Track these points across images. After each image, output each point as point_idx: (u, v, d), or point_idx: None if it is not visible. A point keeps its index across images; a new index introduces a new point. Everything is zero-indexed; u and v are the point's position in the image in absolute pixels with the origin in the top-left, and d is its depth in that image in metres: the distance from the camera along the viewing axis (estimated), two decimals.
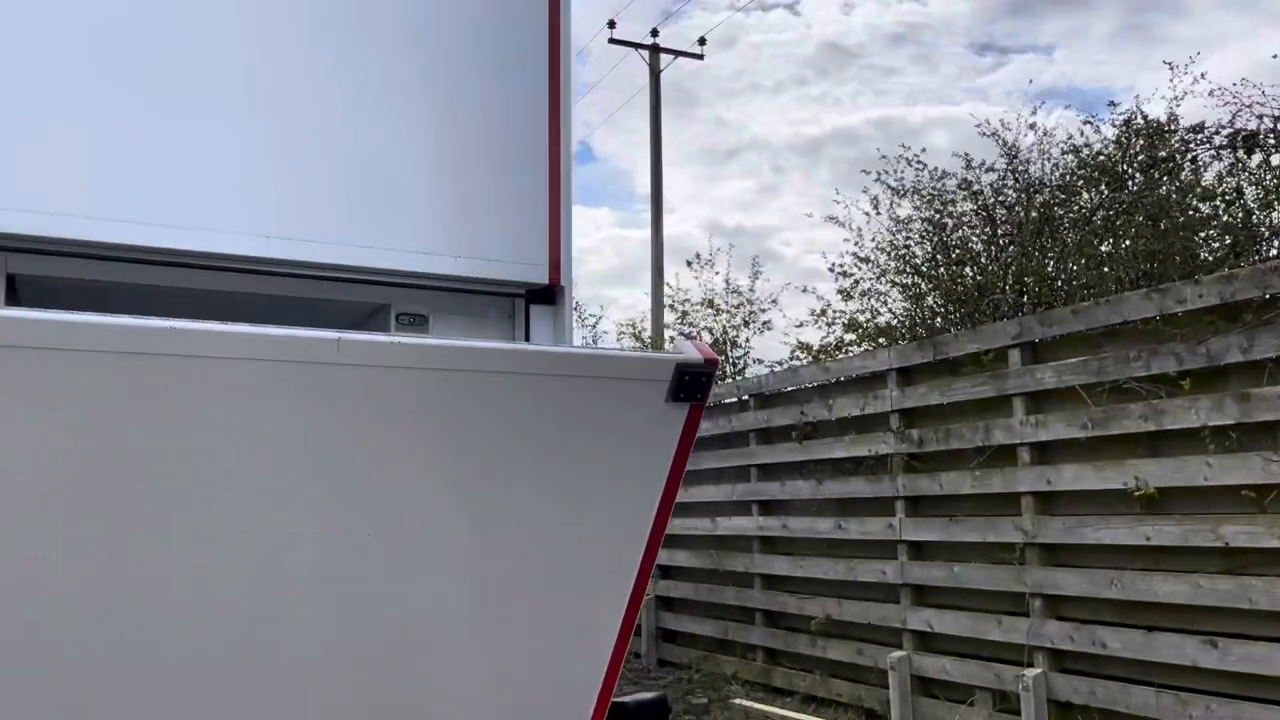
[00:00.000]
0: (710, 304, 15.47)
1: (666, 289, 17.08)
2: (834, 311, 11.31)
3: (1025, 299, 9.00)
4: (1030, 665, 6.41)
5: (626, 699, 4.58)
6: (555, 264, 4.43)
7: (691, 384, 3.17)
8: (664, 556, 10.57)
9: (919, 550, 7.50)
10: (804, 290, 27.86)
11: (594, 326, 17.51)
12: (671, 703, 8.17)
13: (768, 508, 9.14)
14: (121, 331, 2.36)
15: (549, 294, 4.53)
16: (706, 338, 15.39)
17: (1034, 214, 9.56)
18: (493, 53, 4.45)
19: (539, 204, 4.46)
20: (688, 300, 15.68)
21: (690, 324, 15.56)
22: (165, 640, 2.71)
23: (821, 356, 11.15)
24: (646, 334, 17.76)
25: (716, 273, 15.94)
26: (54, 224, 3.68)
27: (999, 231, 9.73)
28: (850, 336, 10.95)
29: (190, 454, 2.58)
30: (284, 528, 2.76)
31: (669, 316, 16.47)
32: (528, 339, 4.54)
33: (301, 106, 4.09)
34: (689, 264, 16.13)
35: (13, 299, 3.91)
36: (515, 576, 3.15)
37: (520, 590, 3.16)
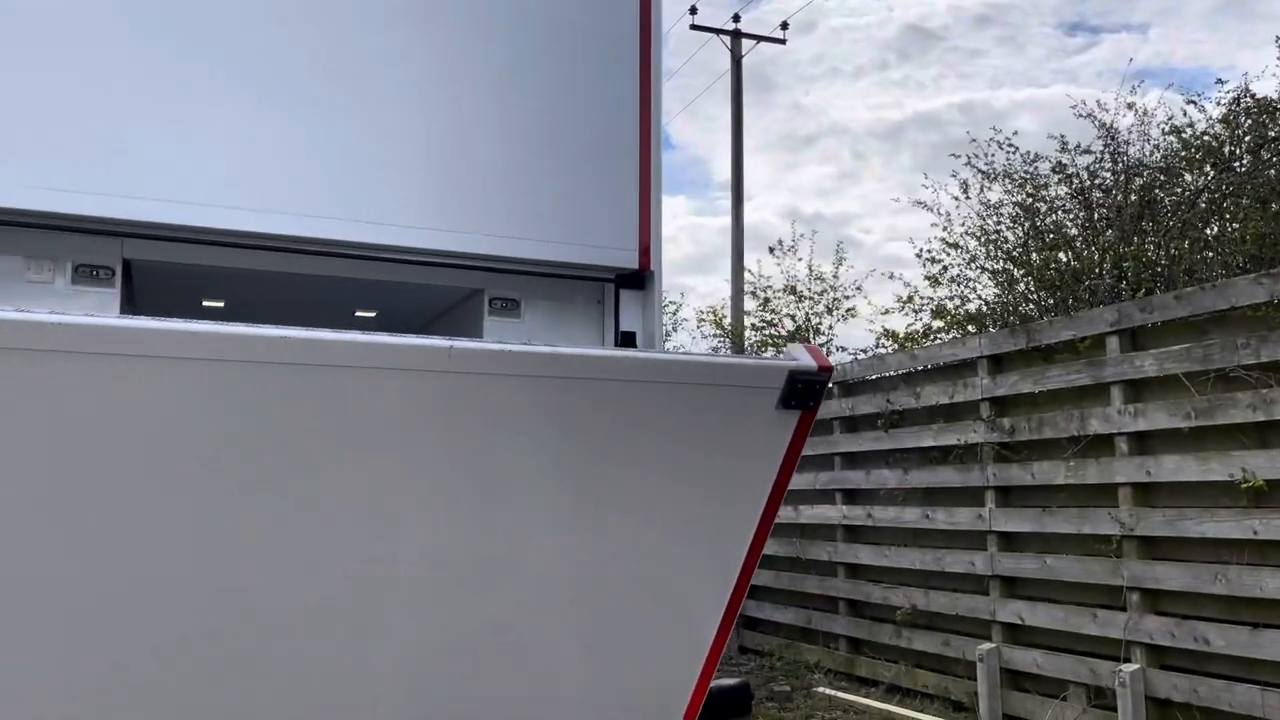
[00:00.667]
0: (793, 290, 15.32)
1: (747, 275, 17.01)
2: (921, 298, 11.12)
3: (1124, 285, 8.74)
4: (1127, 661, 6.26)
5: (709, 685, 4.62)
6: (645, 249, 4.46)
7: (804, 392, 3.13)
8: None
9: (1009, 541, 7.37)
10: (890, 276, 27.45)
11: (674, 314, 17.52)
12: (754, 689, 8.20)
13: (852, 496, 9.07)
14: (238, 340, 2.43)
15: (639, 279, 4.57)
16: (789, 325, 15.27)
17: (1133, 197, 9.27)
18: (586, 41, 4.49)
19: (629, 190, 4.50)
20: (770, 287, 15.58)
21: (772, 311, 15.45)
22: (300, 630, 2.84)
23: (908, 344, 10.98)
24: (727, 320, 17.71)
25: (800, 259, 15.80)
26: (167, 211, 3.84)
27: (1095, 215, 9.46)
28: (938, 323, 10.76)
29: (307, 457, 2.66)
30: (402, 528, 2.85)
31: (750, 304, 16.40)
32: (617, 324, 4.59)
33: (399, 96, 4.18)
34: (771, 250, 15.99)
35: (127, 284, 4.10)
36: (618, 576, 3.20)
37: (622, 589, 3.22)
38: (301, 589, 2.76)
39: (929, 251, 11.11)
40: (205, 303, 5.37)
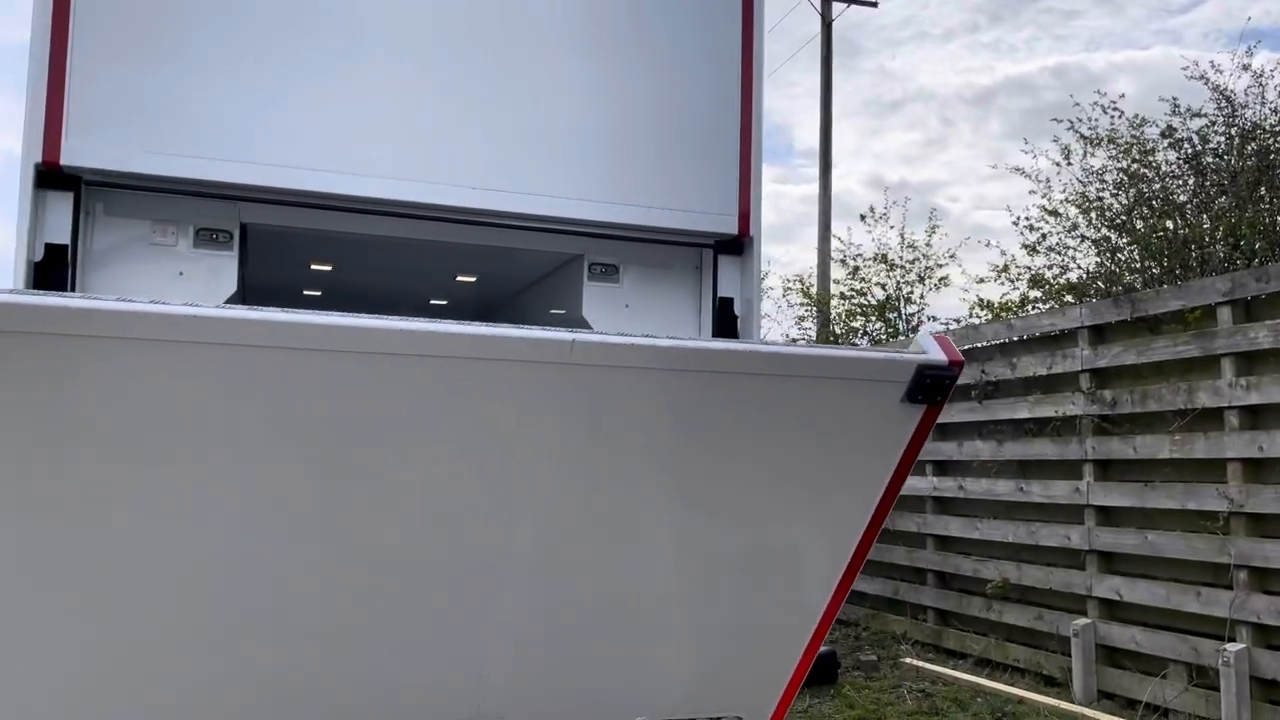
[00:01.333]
0: (884, 259, 15.13)
1: (835, 243, 16.84)
2: (1018, 267, 10.88)
3: (1238, 253, 8.42)
4: (1232, 640, 6.12)
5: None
6: (745, 215, 4.49)
7: (932, 386, 3.06)
8: None
9: (1108, 516, 7.23)
10: (986, 244, 26.78)
11: (760, 282, 17.44)
12: (840, 658, 8.21)
13: (943, 468, 8.98)
14: (356, 332, 2.50)
15: (737, 245, 4.60)
16: (879, 294, 15.05)
17: (1249, 162, 8.90)
18: (688, 9, 4.50)
19: (730, 156, 4.51)
20: (860, 255, 15.38)
21: (862, 279, 15.27)
22: (440, 594, 2.99)
23: (1004, 314, 10.77)
24: (814, 289, 17.56)
25: (891, 226, 15.57)
26: (281, 176, 3.99)
27: (1208, 181, 9.12)
28: (1035, 293, 10.53)
29: (439, 443, 2.74)
30: (523, 512, 2.94)
31: (838, 272, 16.24)
32: (715, 289, 4.63)
33: (505, 64, 4.26)
34: (863, 218, 15.78)
35: (243, 247, 4.27)
36: (732, 556, 3.25)
37: (736, 568, 3.27)
38: (438, 562, 2.89)
39: (1027, 219, 10.87)
40: (314, 266, 5.57)
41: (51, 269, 3.71)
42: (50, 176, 3.72)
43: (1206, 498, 6.38)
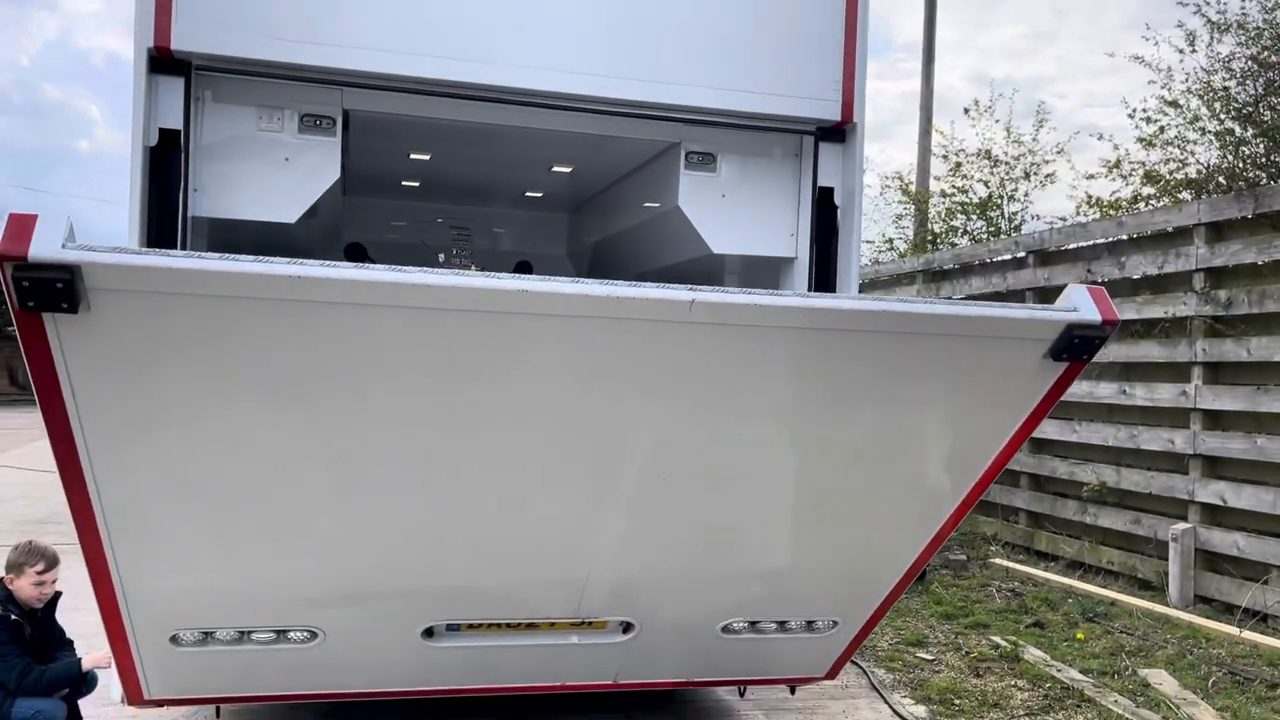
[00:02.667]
0: (987, 155, 14.58)
1: (937, 139, 16.27)
2: (1131, 163, 10.37)
3: None
4: None
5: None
6: (849, 101, 4.38)
7: (1080, 345, 2.94)
8: None
9: (1216, 420, 7.04)
10: (1099, 138, 25.38)
11: (863, 174, 16.99)
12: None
13: None
14: (482, 293, 2.59)
15: (839, 132, 4.49)
16: (981, 190, 14.53)
17: None
18: None
19: (833, 40, 4.39)
20: (962, 151, 14.85)
21: (963, 176, 14.77)
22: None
23: (1114, 211, 10.34)
24: (913, 187, 17.08)
25: (995, 121, 14.93)
26: (383, 60, 4.02)
27: None
28: (1149, 190, 10.05)
29: (562, 398, 2.88)
30: (663, 453, 3.10)
31: (940, 168, 15.74)
32: (815, 179, 4.56)
33: None
34: (966, 111, 15.18)
35: (345, 136, 4.35)
36: (850, 492, 3.37)
37: (853, 502, 3.40)
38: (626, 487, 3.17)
39: (1144, 111, 10.32)
40: (412, 155, 5.64)
41: (165, 154, 3.84)
42: (162, 62, 3.82)
43: None
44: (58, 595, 4.03)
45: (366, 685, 3.84)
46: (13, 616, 3.83)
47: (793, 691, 4.80)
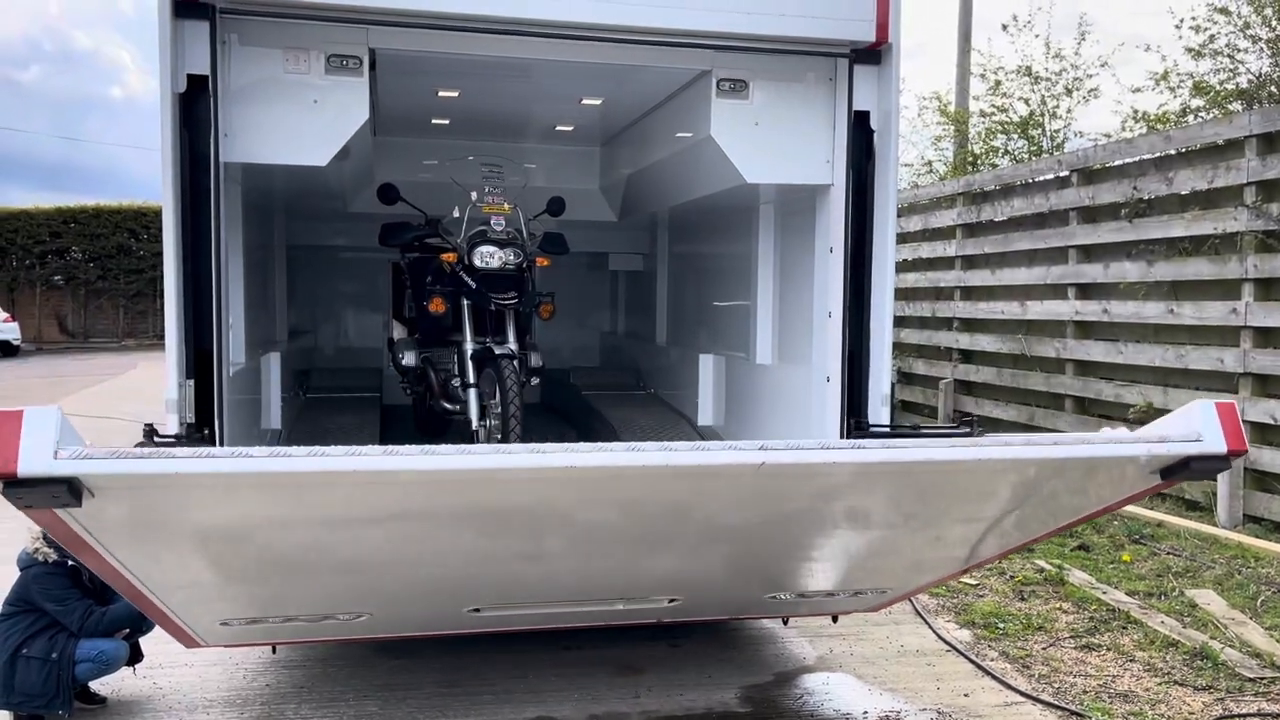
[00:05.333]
0: (1028, 71, 14.22)
1: (975, 57, 15.88)
2: (1179, 74, 10.06)
3: None
4: None
5: None
6: (884, 21, 4.26)
7: (1197, 469, 2.77)
8: (965, 340, 10.38)
9: (1266, 337, 6.91)
10: (1146, 49, 24.52)
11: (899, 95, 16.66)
12: None
13: (1086, 291, 8.67)
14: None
15: (874, 54, 4.38)
16: (1021, 109, 14.18)
17: None
18: None
19: None
20: (1001, 69, 14.50)
21: (1004, 94, 14.44)
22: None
23: (1161, 125, 10.08)
24: (951, 106, 16.71)
25: (1036, 35, 14.53)
26: None
27: None
28: (1198, 102, 9.75)
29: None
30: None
31: (979, 87, 15.39)
32: (850, 103, 4.46)
33: None
34: (1004, 27, 14.85)
35: (373, 76, 4.31)
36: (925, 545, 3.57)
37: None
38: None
39: (1193, 20, 10.00)
40: (440, 93, 5.59)
41: (194, 100, 3.84)
42: (186, 6, 3.79)
43: None
44: None
45: (416, 632, 4.10)
46: (70, 562, 3.95)
47: (834, 620, 4.86)
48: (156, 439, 3.35)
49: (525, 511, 2.76)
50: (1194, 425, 2.73)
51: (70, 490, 2.11)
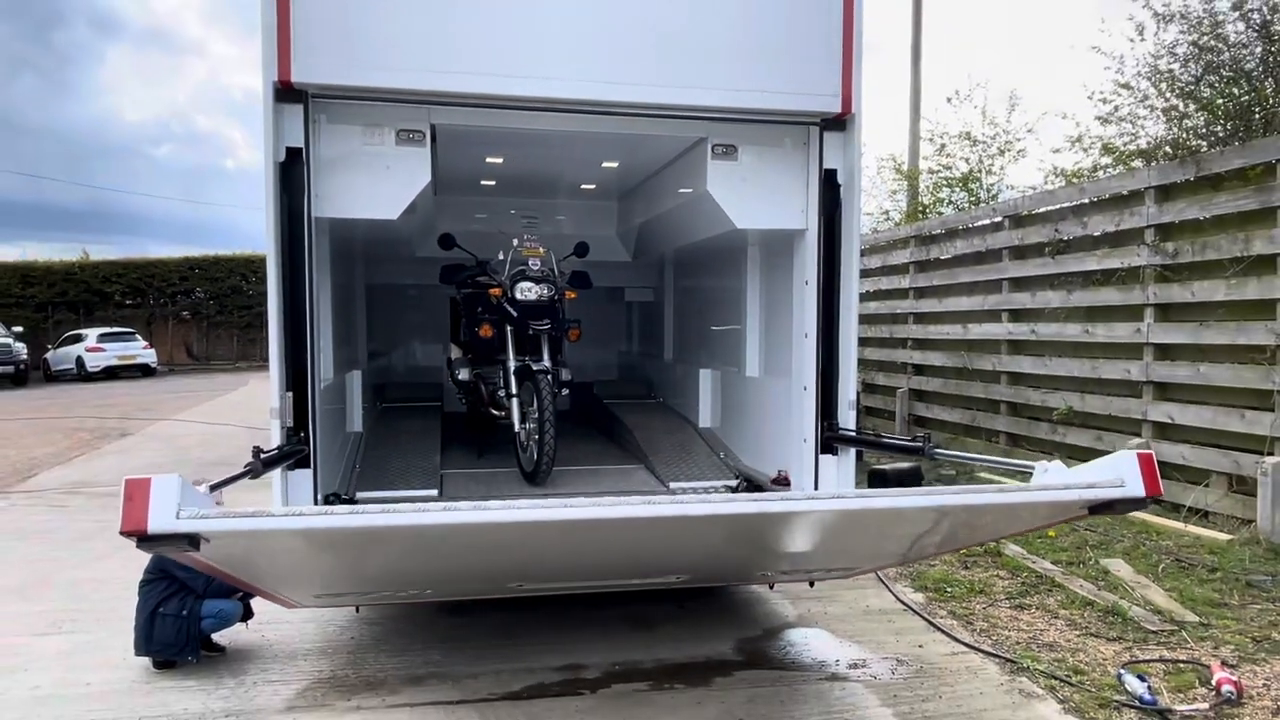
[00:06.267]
0: (968, 136, 14.21)
1: (924, 123, 15.87)
2: (1090, 138, 10.05)
3: None
4: (1271, 454, 5.82)
5: (886, 468, 4.70)
6: (848, 96, 4.27)
7: (1118, 507, 2.74)
8: (917, 357, 10.33)
9: (1164, 352, 6.86)
10: (1062, 117, 24.61)
11: (861, 156, 16.65)
12: (924, 473, 8.18)
13: (1017, 315, 8.63)
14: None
15: (840, 122, 4.40)
16: (963, 167, 14.16)
17: None
18: None
19: (833, 41, 4.28)
20: (946, 134, 14.50)
21: (948, 155, 14.44)
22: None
23: (1076, 179, 10.03)
24: (905, 166, 16.69)
25: (975, 106, 14.53)
26: (464, 82, 4.01)
27: (1275, 47, 8.11)
28: (1106, 160, 9.72)
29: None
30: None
31: (928, 149, 15.39)
32: (821, 162, 4.47)
33: None
34: (949, 100, 14.84)
35: (434, 146, 4.35)
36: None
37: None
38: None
39: (1100, 93, 9.97)
40: (488, 159, 5.63)
41: (291, 168, 3.89)
42: (285, 92, 3.85)
43: (1256, 333, 5.97)
44: None
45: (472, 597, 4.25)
46: None
47: (811, 585, 4.83)
48: (262, 455, 3.35)
49: (554, 540, 2.78)
50: (1119, 472, 2.71)
51: (189, 541, 2.20)
